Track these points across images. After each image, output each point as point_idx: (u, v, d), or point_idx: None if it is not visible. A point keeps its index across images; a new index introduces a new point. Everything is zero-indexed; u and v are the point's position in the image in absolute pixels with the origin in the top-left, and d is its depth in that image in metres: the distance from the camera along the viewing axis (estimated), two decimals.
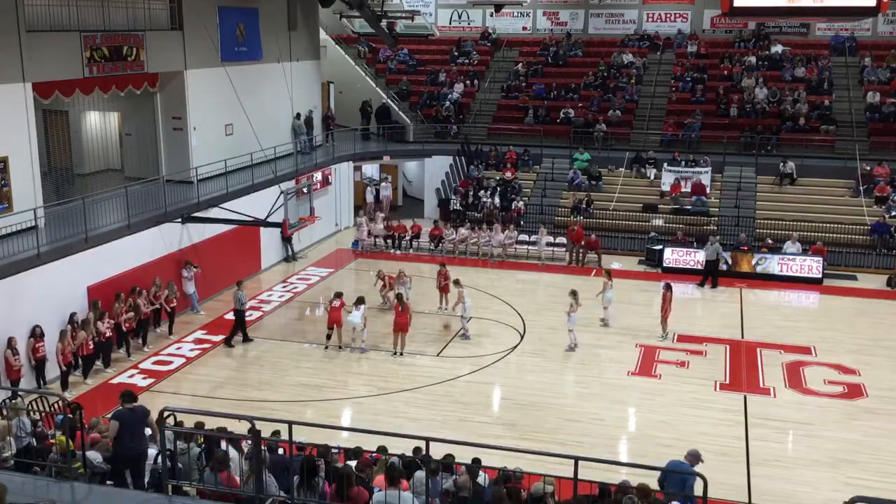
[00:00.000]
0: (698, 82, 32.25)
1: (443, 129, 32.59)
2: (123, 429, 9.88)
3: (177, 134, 23.82)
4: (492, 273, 25.36)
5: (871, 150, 28.80)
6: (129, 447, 9.84)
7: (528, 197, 29.18)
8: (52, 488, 8.66)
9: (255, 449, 8.72)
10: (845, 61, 32.50)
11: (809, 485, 13.35)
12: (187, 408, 13.50)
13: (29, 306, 16.29)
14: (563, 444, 14.06)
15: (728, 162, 29.00)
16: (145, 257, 19.66)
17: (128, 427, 9.92)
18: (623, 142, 30.99)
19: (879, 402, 16.44)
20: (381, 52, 36.48)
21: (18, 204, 17.94)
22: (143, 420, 10.09)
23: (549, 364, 18.31)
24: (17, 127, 17.97)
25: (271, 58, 26.81)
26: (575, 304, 18.75)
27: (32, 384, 16.23)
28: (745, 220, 26.81)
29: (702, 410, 16.03)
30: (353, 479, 9.21)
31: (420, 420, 15.33)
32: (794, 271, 24.36)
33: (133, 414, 10.09)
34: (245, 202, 22.61)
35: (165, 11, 22.98)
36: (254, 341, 19.49)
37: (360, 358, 18.67)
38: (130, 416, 10.06)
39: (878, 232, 25.40)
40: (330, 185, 28.83)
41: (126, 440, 9.86)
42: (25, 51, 17.95)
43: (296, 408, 15.86)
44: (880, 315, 21.57)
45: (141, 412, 10.13)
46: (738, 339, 19.81)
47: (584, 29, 36.79)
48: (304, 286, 23.82)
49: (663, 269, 24.99)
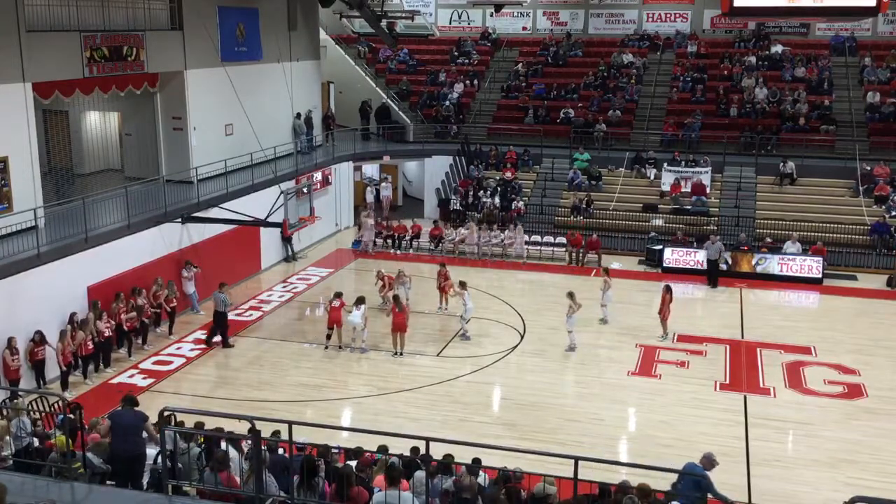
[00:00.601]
0: (698, 82, 32.25)
1: (443, 129, 32.59)
2: (113, 430, 10.00)
3: (177, 134, 23.82)
4: (492, 273, 25.37)
5: (871, 150, 28.80)
6: (119, 448, 9.86)
7: (528, 197, 29.19)
8: (52, 488, 8.66)
9: (255, 449, 8.72)
10: (845, 61, 32.51)
11: (809, 485, 13.35)
12: (187, 408, 13.50)
13: (29, 306, 16.29)
14: (563, 444, 14.06)
15: (728, 162, 29.00)
16: (145, 257, 19.66)
17: (117, 429, 9.99)
18: (623, 142, 30.99)
19: (879, 402, 16.44)
20: (381, 52, 36.48)
21: (18, 204, 17.94)
22: (137, 423, 10.09)
23: (549, 364, 18.31)
24: (17, 127, 17.97)
25: (271, 58, 26.81)
26: (574, 305, 18.75)
27: (32, 384, 16.23)
28: (745, 220, 26.81)
29: (702, 410, 16.03)
30: (353, 479, 9.21)
31: (420, 420, 15.32)
32: (794, 271, 24.36)
33: (126, 415, 10.13)
34: (245, 202, 22.61)
35: (165, 11, 22.98)
36: (234, 347, 19.16)
37: (360, 358, 18.67)
38: (123, 417, 10.12)
39: (878, 232, 25.40)
40: (330, 185, 28.83)
41: (116, 441, 9.93)
42: (25, 51, 17.95)
43: (296, 408, 15.85)
44: (880, 315, 21.57)
45: (137, 416, 10.16)
46: (738, 339, 19.81)
47: (584, 29, 36.79)
48: (304, 286, 23.82)
49: (663, 269, 24.99)
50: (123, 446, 9.87)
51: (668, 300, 19.49)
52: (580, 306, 18.89)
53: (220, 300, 19.03)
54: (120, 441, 9.91)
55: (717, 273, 23.89)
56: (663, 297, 19.58)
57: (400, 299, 19.30)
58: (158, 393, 16.59)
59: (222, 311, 19.03)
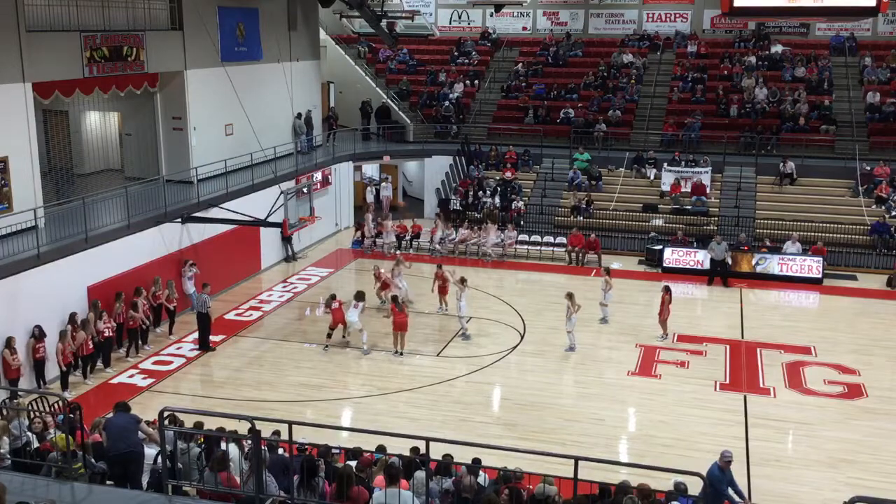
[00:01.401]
0: (698, 82, 32.25)
1: (443, 129, 32.60)
2: (107, 431, 10.25)
3: (177, 134, 23.82)
4: (492, 273, 25.38)
5: (871, 150, 28.80)
6: (113, 448, 10.02)
7: (528, 197, 29.19)
8: (52, 488, 8.66)
9: (255, 449, 8.72)
10: (845, 61, 32.51)
11: (809, 485, 13.35)
12: (187, 408, 13.50)
13: (29, 306, 16.29)
14: (563, 444, 14.07)
15: (728, 162, 29.00)
16: (145, 257, 19.65)
17: (111, 429, 10.18)
18: (623, 142, 30.99)
19: (879, 402, 16.44)
20: (381, 52, 36.48)
21: (18, 204, 17.94)
22: (129, 423, 10.22)
23: (549, 364, 18.31)
24: (17, 127, 17.97)
25: (271, 58, 26.81)
26: (572, 306, 18.73)
27: (32, 384, 16.23)
28: (745, 220, 26.81)
29: (702, 410, 16.03)
30: (353, 479, 9.21)
31: (420, 420, 15.33)
32: (794, 271, 24.36)
33: (119, 417, 10.30)
34: (245, 202, 22.60)
35: (165, 11, 22.98)
36: (215, 350, 18.90)
37: (360, 358, 18.67)
38: (116, 419, 10.31)
39: (878, 232, 25.40)
40: (330, 185, 28.83)
41: (109, 442, 10.11)
42: (25, 51, 17.95)
43: (296, 408, 15.85)
44: (880, 315, 21.57)
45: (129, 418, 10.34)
46: (738, 339, 19.81)
47: (584, 29, 36.80)
48: (304, 286, 23.81)
49: (663, 269, 24.99)
50: (116, 445, 9.94)
51: (668, 301, 19.49)
52: (580, 307, 18.88)
53: (201, 301, 18.84)
54: (113, 441, 9.99)
55: (726, 273, 23.89)
56: (662, 298, 19.58)
57: (399, 299, 19.31)
58: (158, 393, 16.59)
59: (204, 312, 18.84)
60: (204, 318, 18.87)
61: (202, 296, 18.87)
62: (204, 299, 18.79)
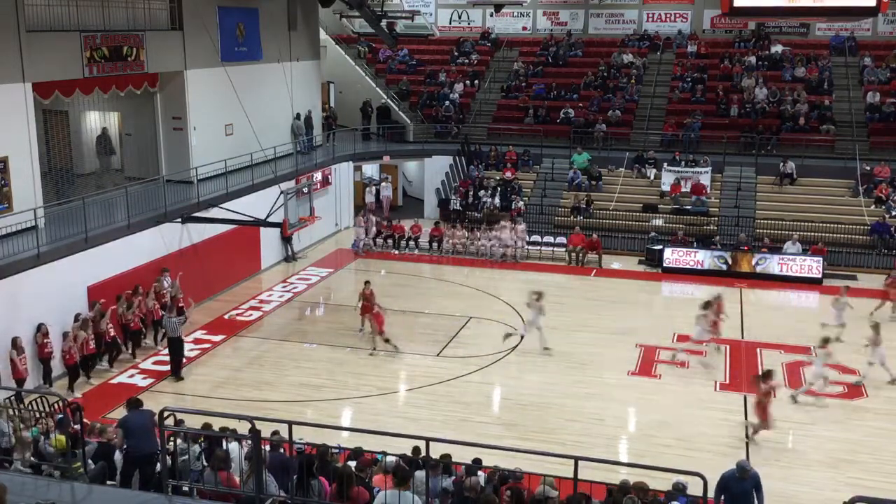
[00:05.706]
0: (698, 82, 32.25)
1: (443, 129, 32.59)
2: (129, 432, 10.07)
3: (177, 134, 23.81)
4: (492, 273, 25.37)
5: (871, 150, 28.79)
6: (138, 448, 9.97)
7: (528, 197, 29.18)
8: (52, 488, 8.66)
9: (255, 449, 8.72)
10: (845, 61, 32.50)
11: (809, 485, 13.36)
12: (187, 408, 13.50)
13: (29, 306, 16.28)
14: (563, 444, 14.06)
15: (728, 162, 29.00)
16: (145, 257, 19.65)
17: (134, 430, 10.08)
18: (623, 142, 30.98)
19: (879, 402, 16.45)
20: (381, 52, 36.47)
21: (18, 204, 17.92)
22: (149, 421, 10.15)
23: (549, 364, 18.30)
24: (17, 127, 17.95)
25: (271, 58, 26.80)
26: (535, 304, 18.67)
27: (39, 382, 16.23)
28: (745, 220, 26.81)
29: (702, 410, 16.03)
30: (353, 479, 9.21)
31: (420, 420, 15.32)
32: (794, 271, 24.36)
33: (137, 416, 10.22)
34: (245, 202, 22.59)
35: (165, 11, 22.96)
36: (184, 380, 17.30)
37: (360, 358, 18.67)
38: (135, 418, 10.25)
39: (878, 232, 25.40)
40: (330, 185, 28.82)
41: (133, 442, 10.02)
42: (25, 51, 17.94)
43: (296, 408, 15.85)
44: (880, 315, 21.52)
45: (146, 415, 10.28)
46: (738, 339, 19.80)
47: (584, 29, 36.79)
48: (304, 286, 23.81)
49: (663, 269, 25.00)
50: (140, 445, 9.93)
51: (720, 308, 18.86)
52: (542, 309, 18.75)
53: (171, 325, 17.24)
54: (137, 440, 9.95)
55: None
56: (718, 305, 18.86)
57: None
58: (158, 393, 16.58)
59: (175, 336, 17.22)
60: (175, 342, 17.29)
61: (172, 319, 17.33)
62: (174, 323, 17.24)
